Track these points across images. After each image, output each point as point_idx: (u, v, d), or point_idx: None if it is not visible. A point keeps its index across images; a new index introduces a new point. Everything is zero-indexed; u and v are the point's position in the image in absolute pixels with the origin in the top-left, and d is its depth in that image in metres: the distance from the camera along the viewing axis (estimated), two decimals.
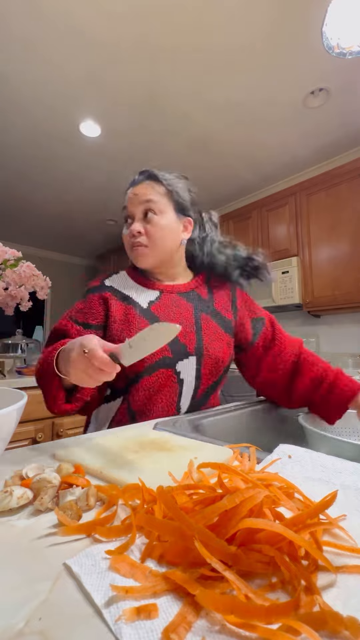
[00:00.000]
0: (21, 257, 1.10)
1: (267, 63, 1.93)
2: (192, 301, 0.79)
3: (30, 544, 0.26)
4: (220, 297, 0.84)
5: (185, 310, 0.77)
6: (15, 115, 2.32)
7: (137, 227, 0.73)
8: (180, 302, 0.77)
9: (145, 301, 0.75)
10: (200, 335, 0.75)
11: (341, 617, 0.18)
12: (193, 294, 0.80)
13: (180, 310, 0.76)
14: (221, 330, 0.79)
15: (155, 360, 0.70)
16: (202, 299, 0.81)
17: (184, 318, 0.75)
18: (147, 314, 0.73)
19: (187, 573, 0.21)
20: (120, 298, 0.75)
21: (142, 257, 0.75)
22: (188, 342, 0.73)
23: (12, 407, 0.37)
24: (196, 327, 0.76)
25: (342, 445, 0.52)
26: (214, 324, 0.78)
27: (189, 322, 0.75)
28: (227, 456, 0.44)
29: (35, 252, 4.97)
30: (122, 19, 1.68)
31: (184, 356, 0.73)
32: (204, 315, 0.78)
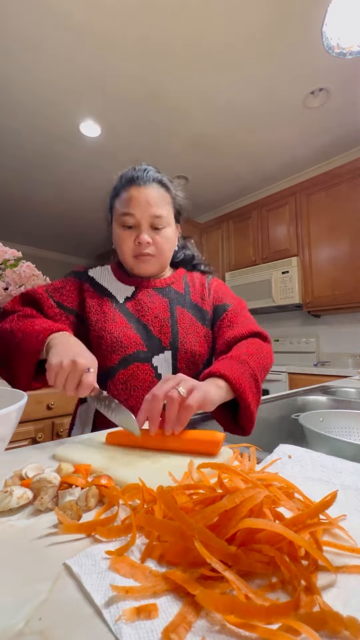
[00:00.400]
0: (21, 257, 1.10)
1: (267, 63, 1.93)
2: (167, 296, 0.78)
3: (30, 544, 0.26)
4: (196, 289, 0.83)
5: (160, 304, 0.76)
6: (15, 115, 2.32)
7: (147, 238, 0.71)
8: (155, 297, 0.77)
9: (122, 296, 0.76)
10: (175, 328, 0.74)
11: (341, 617, 0.18)
12: (169, 289, 0.80)
13: (155, 306, 0.76)
14: (197, 323, 0.77)
15: (129, 353, 0.70)
16: (179, 292, 0.80)
17: (159, 313, 0.75)
18: (122, 309, 0.74)
19: (187, 573, 0.21)
20: (98, 290, 0.76)
21: (148, 266, 0.75)
22: (163, 337, 0.73)
23: (12, 407, 0.37)
24: (171, 321, 0.75)
25: (342, 445, 0.52)
26: (189, 316, 0.77)
27: (164, 316, 0.75)
28: (227, 456, 0.44)
29: (35, 252, 4.97)
30: (123, 20, 1.68)
31: (159, 351, 0.72)
32: (179, 308, 0.77)
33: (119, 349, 0.69)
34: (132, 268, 0.77)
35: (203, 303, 0.81)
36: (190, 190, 3.42)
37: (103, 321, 0.71)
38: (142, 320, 0.73)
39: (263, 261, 3.05)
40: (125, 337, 0.70)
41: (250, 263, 3.16)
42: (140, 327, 0.73)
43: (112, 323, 0.71)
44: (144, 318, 0.74)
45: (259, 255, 3.11)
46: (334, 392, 1.18)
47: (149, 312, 0.74)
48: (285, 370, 2.52)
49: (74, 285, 0.75)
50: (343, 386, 1.25)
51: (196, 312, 0.79)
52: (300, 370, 2.46)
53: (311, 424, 0.66)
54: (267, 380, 2.60)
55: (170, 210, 0.76)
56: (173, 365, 0.73)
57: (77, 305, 0.74)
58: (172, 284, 0.81)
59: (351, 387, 1.22)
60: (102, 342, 0.70)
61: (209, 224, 3.65)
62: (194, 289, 0.83)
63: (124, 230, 0.73)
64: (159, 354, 0.72)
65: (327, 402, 0.99)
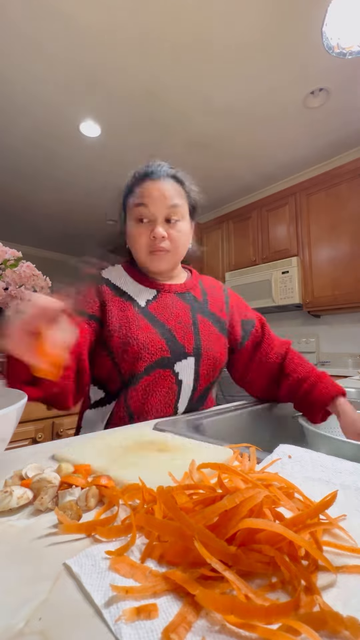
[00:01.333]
0: (21, 257, 1.10)
1: (267, 63, 1.93)
2: (188, 302, 0.78)
3: (30, 544, 0.26)
4: (214, 298, 0.84)
5: (183, 310, 0.76)
6: (15, 115, 2.32)
7: (162, 232, 0.70)
8: (178, 302, 0.77)
9: (143, 300, 0.73)
10: (198, 336, 0.75)
11: (341, 617, 0.18)
12: (189, 295, 0.80)
13: (178, 311, 0.75)
14: (217, 332, 0.79)
15: (154, 360, 0.69)
16: (197, 300, 0.81)
17: (182, 318, 0.74)
18: (146, 313, 0.72)
19: (187, 573, 0.21)
20: (117, 293, 0.73)
21: (162, 262, 0.73)
22: (186, 343, 0.73)
23: (12, 407, 0.37)
24: (194, 328, 0.75)
25: (342, 445, 0.52)
26: (209, 324, 0.78)
27: (187, 323, 0.75)
28: (227, 456, 0.44)
29: (35, 252, 4.98)
30: (123, 20, 1.68)
31: (182, 357, 0.72)
32: (200, 316, 0.78)
33: (145, 356, 0.67)
34: (145, 264, 0.74)
35: (221, 313, 0.82)
36: None
37: (127, 327, 0.68)
38: (166, 325, 0.72)
39: (263, 261, 3.05)
40: (152, 343, 0.68)
41: (250, 263, 3.16)
42: (165, 331, 0.71)
43: (137, 329, 0.68)
44: (169, 323, 0.72)
45: (259, 255, 3.11)
46: None
47: (173, 317, 0.73)
48: None
49: (92, 290, 0.73)
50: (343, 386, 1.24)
51: (215, 321, 0.80)
52: None
53: (311, 424, 0.66)
54: None
55: (185, 204, 0.75)
56: (195, 372, 0.74)
57: (98, 310, 0.71)
58: (190, 289, 0.81)
59: (351, 387, 1.22)
60: (129, 349, 0.67)
61: (209, 224, 3.65)
62: (212, 298, 0.84)
63: (138, 226, 0.72)
64: (182, 360, 0.71)
65: None
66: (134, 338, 0.67)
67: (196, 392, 0.76)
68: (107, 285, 0.73)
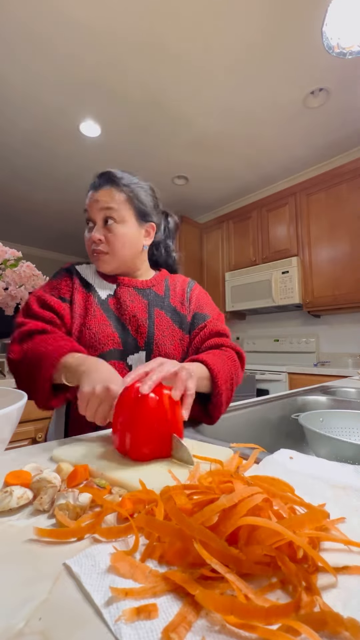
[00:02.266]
0: (21, 257, 1.10)
1: (267, 63, 1.93)
2: (146, 297, 0.79)
3: (30, 544, 0.26)
4: (176, 292, 0.84)
5: (139, 304, 0.78)
6: (15, 114, 2.32)
7: (97, 235, 0.73)
8: (135, 297, 0.78)
9: (105, 293, 0.77)
10: (152, 329, 0.76)
11: (341, 618, 0.18)
12: (149, 291, 0.81)
13: (135, 305, 0.77)
14: (174, 326, 0.79)
15: (106, 350, 0.70)
16: (158, 295, 0.81)
17: (137, 312, 0.76)
18: (104, 305, 0.75)
19: (187, 573, 0.21)
20: (84, 285, 0.77)
21: (102, 263, 0.76)
22: (139, 337, 0.74)
23: (12, 407, 0.37)
24: (149, 322, 0.76)
25: (342, 445, 0.52)
26: (167, 319, 0.78)
27: (142, 317, 0.76)
28: (228, 456, 0.44)
29: (35, 252, 4.98)
30: (124, 21, 1.68)
31: (134, 350, 0.73)
32: (157, 310, 0.78)
33: (96, 345, 0.70)
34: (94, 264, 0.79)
35: (182, 307, 0.82)
36: (190, 190, 3.44)
37: (84, 316, 0.72)
38: (120, 319, 0.75)
39: (263, 261, 3.05)
40: (103, 333, 0.71)
41: (250, 263, 3.16)
42: (118, 325, 0.74)
43: (92, 318, 0.72)
44: (123, 317, 0.75)
45: (259, 255, 3.11)
46: (334, 392, 1.18)
47: (128, 311, 0.75)
48: (285, 370, 2.52)
49: (66, 280, 0.77)
50: (343, 386, 1.25)
51: (174, 315, 0.80)
52: (300, 370, 2.46)
53: (311, 424, 0.66)
54: (267, 380, 2.60)
55: (124, 206, 0.74)
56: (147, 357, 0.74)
57: (69, 296, 0.76)
58: (153, 286, 0.82)
59: (351, 387, 1.22)
60: (82, 337, 0.71)
61: (209, 224, 3.65)
62: (174, 293, 0.84)
63: (86, 230, 0.78)
64: (134, 354, 0.73)
65: (327, 402, 0.99)
66: (87, 326, 0.71)
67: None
68: (77, 277, 0.78)
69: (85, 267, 0.82)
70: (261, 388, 2.61)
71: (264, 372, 2.63)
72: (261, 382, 2.62)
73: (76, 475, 0.37)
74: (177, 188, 3.32)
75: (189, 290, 0.86)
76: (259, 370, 2.67)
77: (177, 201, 3.61)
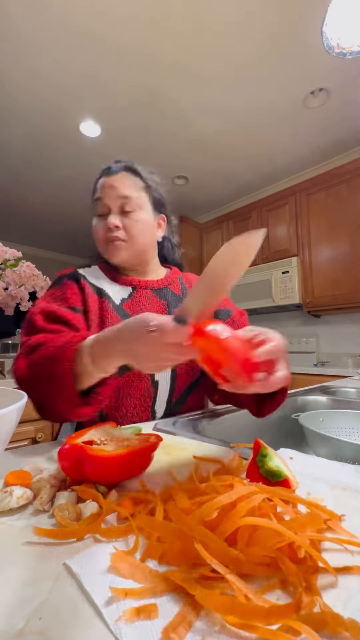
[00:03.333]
0: (21, 257, 1.10)
1: (268, 63, 1.93)
2: (165, 298, 0.76)
3: (30, 544, 0.26)
4: None
5: (159, 307, 0.73)
6: (15, 114, 2.32)
7: (115, 221, 0.69)
8: (154, 299, 0.74)
9: (118, 298, 0.72)
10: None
11: (342, 619, 0.18)
12: (167, 290, 0.77)
13: (154, 308, 0.73)
14: None
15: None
16: (176, 295, 0.78)
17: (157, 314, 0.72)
18: (120, 311, 0.70)
19: (187, 573, 0.21)
20: (94, 290, 0.71)
21: (118, 251, 0.70)
22: None
23: (12, 407, 0.37)
24: None
25: (342, 445, 0.52)
26: None
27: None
28: (228, 456, 0.44)
29: (35, 252, 4.98)
30: (123, 21, 1.68)
31: None
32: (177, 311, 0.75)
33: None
34: (106, 257, 0.73)
35: None
36: (190, 190, 3.43)
37: (101, 325, 0.67)
38: None
39: (263, 261, 3.05)
40: None
41: (250, 263, 3.16)
42: None
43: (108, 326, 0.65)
44: None
45: (259, 255, 3.11)
46: (334, 392, 1.18)
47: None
48: None
49: (73, 287, 0.70)
50: (343, 386, 1.25)
51: None
52: (300, 370, 2.46)
53: (311, 424, 0.66)
54: None
55: (144, 196, 0.73)
56: (172, 372, 0.71)
57: (82, 305, 0.68)
58: (169, 284, 0.79)
59: (351, 387, 1.22)
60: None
61: (209, 224, 3.64)
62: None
63: (98, 221, 0.72)
64: None
65: (327, 402, 0.99)
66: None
67: (174, 393, 0.72)
68: (86, 282, 0.72)
69: (90, 271, 0.76)
70: None
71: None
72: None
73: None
74: (177, 188, 3.32)
75: None
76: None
77: (177, 201, 3.60)
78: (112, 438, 0.38)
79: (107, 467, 0.33)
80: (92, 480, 0.33)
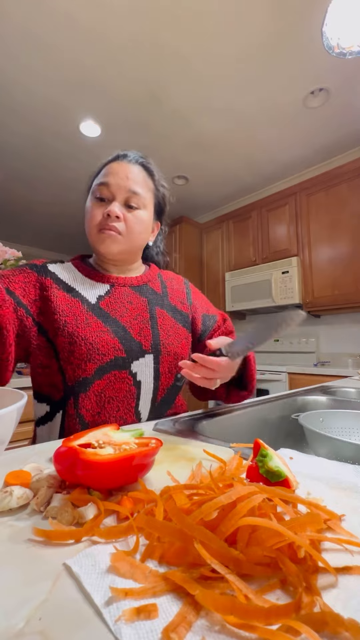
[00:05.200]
0: (21, 257, 1.10)
1: (268, 63, 1.93)
2: (145, 295, 0.73)
3: (30, 544, 0.26)
4: (174, 291, 0.80)
5: (139, 304, 0.71)
6: (15, 114, 2.32)
7: (117, 211, 0.65)
8: (133, 296, 0.71)
9: (94, 296, 0.67)
10: (156, 330, 0.69)
11: (342, 619, 0.17)
12: (146, 287, 0.75)
13: (133, 305, 0.70)
14: (178, 325, 0.75)
15: (106, 361, 0.62)
16: (156, 292, 0.76)
17: (138, 313, 0.69)
18: (96, 309, 0.65)
19: (187, 573, 0.21)
20: (64, 289, 0.66)
21: (112, 242, 0.66)
22: (143, 339, 0.67)
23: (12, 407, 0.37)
24: (151, 322, 0.70)
25: (342, 445, 0.52)
26: (169, 318, 0.74)
27: (144, 318, 0.69)
28: (228, 456, 0.44)
29: (35, 252, 4.98)
30: (124, 21, 1.68)
31: (139, 355, 0.65)
32: (158, 309, 0.73)
33: (95, 357, 0.61)
34: (95, 245, 0.68)
35: (182, 306, 0.79)
36: (190, 190, 3.44)
37: (74, 325, 0.62)
38: (120, 322, 0.66)
39: (263, 261, 3.05)
40: (102, 343, 0.62)
41: (250, 263, 3.16)
42: (118, 329, 0.65)
43: (85, 328, 0.62)
44: (123, 319, 0.67)
45: (259, 255, 3.11)
46: (334, 392, 1.18)
47: (128, 313, 0.68)
48: (285, 370, 2.52)
49: (31, 278, 0.65)
50: (343, 386, 1.25)
51: (175, 314, 0.76)
52: (300, 370, 2.46)
53: (311, 424, 0.66)
54: (267, 380, 2.60)
55: (150, 197, 0.71)
56: (155, 369, 0.68)
57: (32, 302, 0.63)
58: (148, 282, 0.76)
59: (351, 387, 1.22)
60: (76, 350, 0.60)
61: (209, 224, 3.65)
62: (172, 291, 0.80)
63: (95, 202, 0.67)
64: (139, 359, 0.66)
65: (327, 402, 0.99)
66: (81, 338, 0.61)
67: (158, 392, 0.70)
68: (52, 278, 0.67)
69: (63, 267, 0.71)
70: (261, 388, 2.61)
71: (264, 372, 2.63)
72: (261, 382, 2.63)
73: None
74: (177, 188, 3.32)
75: (188, 290, 0.84)
76: (259, 370, 2.67)
77: (177, 201, 3.60)
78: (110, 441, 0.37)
79: (100, 472, 0.31)
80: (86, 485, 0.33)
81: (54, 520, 0.28)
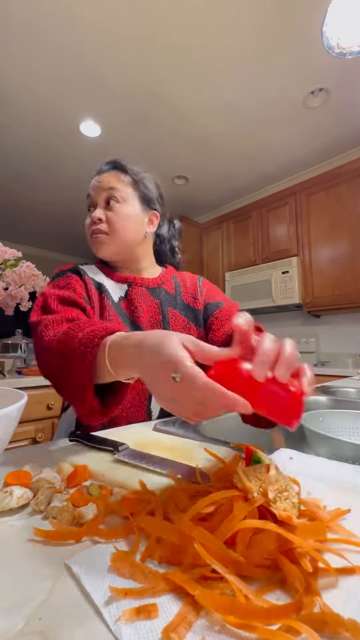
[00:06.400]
0: (21, 257, 1.10)
1: (267, 63, 1.93)
2: (158, 297, 0.77)
3: (30, 544, 0.26)
4: (187, 289, 0.82)
5: (152, 306, 0.75)
6: (15, 114, 2.32)
7: (98, 214, 0.70)
8: (148, 298, 0.75)
9: (117, 295, 0.73)
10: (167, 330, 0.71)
11: (342, 619, 0.17)
12: (160, 289, 0.78)
13: (148, 307, 0.74)
14: (190, 324, 0.77)
15: None
16: (169, 293, 0.79)
17: (152, 314, 0.73)
18: (117, 308, 0.71)
19: (187, 573, 0.21)
20: (95, 285, 0.72)
21: (101, 245, 0.71)
22: None
23: (12, 407, 0.37)
24: (163, 323, 0.73)
25: (342, 445, 0.52)
26: (182, 318, 0.76)
27: (156, 319, 0.73)
28: (228, 456, 0.44)
29: (35, 252, 4.98)
30: (124, 20, 1.68)
31: None
32: (170, 310, 0.76)
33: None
34: (93, 251, 0.74)
35: (195, 302, 0.80)
36: (190, 190, 3.43)
37: (100, 318, 0.67)
38: (136, 323, 0.71)
39: (263, 261, 3.05)
40: None
41: (250, 263, 3.16)
42: (133, 329, 0.69)
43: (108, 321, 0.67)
44: (139, 320, 0.71)
45: (259, 255, 3.11)
46: (334, 392, 1.18)
47: (143, 314, 0.72)
48: None
49: (77, 279, 0.70)
50: (343, 386, 1.25)
51: (188, 312, 0.78)
52: None
53: (311, 424, 0.66)
54: None
55: (128, 188, 0.73)
56: None
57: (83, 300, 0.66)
58: (162, 284, 0.79)
59: (351, 387, 1.22)
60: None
61: (209, 224, 3.64)
62: (185, 289, 0.81)
63: (87, 217, 0.74)
64: None
65: (327, 402, 0.99)
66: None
67: None
68: (87, 276, 0.72)
69: (89, 268, 0.76)
70: None
71: None
72: None
73: (76, 475, 0.37)
74: (177, 188, 3.32)
75: (200, 284, 0.84)
76: None
77: (177, 201, 3.61)
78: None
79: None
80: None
81: (54, 520, 0.28)
